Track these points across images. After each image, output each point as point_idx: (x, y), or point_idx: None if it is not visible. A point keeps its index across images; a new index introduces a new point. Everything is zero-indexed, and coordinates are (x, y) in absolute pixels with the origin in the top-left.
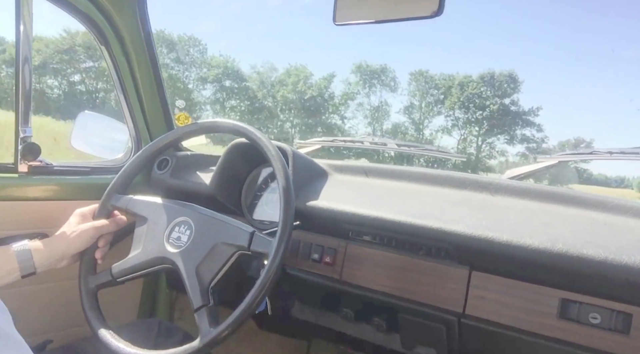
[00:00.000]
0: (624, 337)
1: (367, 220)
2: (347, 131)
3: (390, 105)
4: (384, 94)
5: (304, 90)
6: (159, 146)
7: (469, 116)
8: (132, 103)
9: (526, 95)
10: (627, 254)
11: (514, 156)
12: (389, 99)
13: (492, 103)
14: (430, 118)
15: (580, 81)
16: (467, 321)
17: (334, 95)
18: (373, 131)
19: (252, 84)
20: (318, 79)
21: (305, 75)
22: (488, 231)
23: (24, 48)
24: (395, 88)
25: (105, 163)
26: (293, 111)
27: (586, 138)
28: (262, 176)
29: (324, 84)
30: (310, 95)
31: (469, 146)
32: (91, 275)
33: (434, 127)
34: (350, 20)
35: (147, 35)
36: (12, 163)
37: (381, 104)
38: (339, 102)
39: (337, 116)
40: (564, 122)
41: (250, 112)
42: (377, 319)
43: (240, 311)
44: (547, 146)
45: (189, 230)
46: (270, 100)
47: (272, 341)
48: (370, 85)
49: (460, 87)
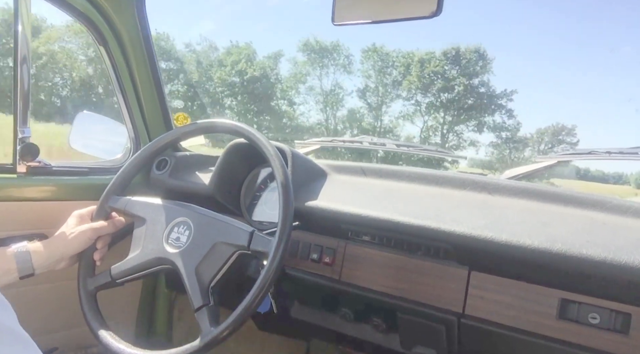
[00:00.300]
0: (623, 337)
1: (366, 220)
2: (297, 118)
3: (346, 89)
4: (339, 75)
5: (244, 69)
6: (157, 147)
7: (432, 100)
8: (131, 103)
9: (499, 77)
10: (627, 253)
11: (487, 147)
12: (344, 81)
13: (457, 84)
14: (389, 103)
15: (564, 66)
16: (467, 321)
17: (283, 78)
18: (326, 119)
19: (189, 66)
20: (262, 58)
21: (247, 53)
22: (487, 231)
23: (22, 48)
24: (351, 69)
25: (103, 163)
26: (239, 97)
27: (567, 125)
28: (261, 176)
29: (269, 64)
30: (252, 75)
31: (434, 135)
32: (90, 276)
33: (394, 114)
34: (349, 21)
35: (146, 36)
36: (11, 164)
37: (334, 88)
38: (287, 86)
39: (286, 101)
40: (544, 109)
41: (190, 98)
42: (376, 319)
43: (241, 310)
44: (523, 134)
45: (188, 230)
46: (211, 84)
47: (271, 342)
48: (322, 66)
49: (421, 65)
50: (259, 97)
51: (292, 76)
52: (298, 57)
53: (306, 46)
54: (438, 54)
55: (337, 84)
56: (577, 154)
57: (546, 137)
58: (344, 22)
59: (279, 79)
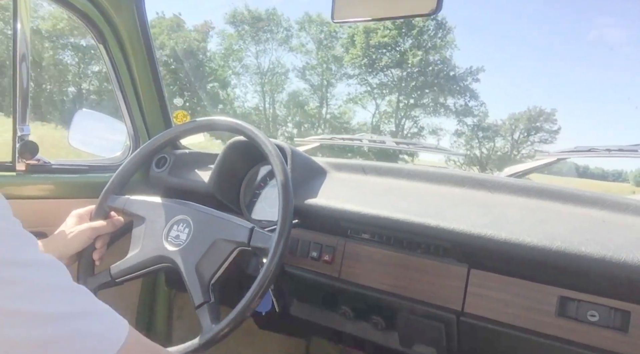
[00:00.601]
0: (622, 334)
1: (366, 218)
2: (232, 102)
3: (287, 67)
4: (279, 52)
5: (164, 43)
6: (156, 144)
7: (383, 79)
8: (130, 101)
9: (465, 52)
10: (626, 251)
11: (452, 136)
12: (286, 58)
13: (411, 59)
14: (335, 83)
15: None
16: (466, 319)
17: (213, 54)
18: (264, 102)
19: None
20: (189, 31)
21: (169, 25)
22: (486, 229)
23: (22, 46)
24: (292, 44)
25: (103, 161)
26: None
27: (546, 109)
28: (260, 174)
29: (196, 37)
30: (173, 49)
31: (388, 122)
32: (90, 276)
33: (342, 97)
34: (349, 18)
35: (145, 33)
36: (10, 161)
37: (273, 66)
38: (219, 65)
39: (219, 83)
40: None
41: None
42: (375, 318)
43: (241, 307)
44: (492, 120)
45: (187, 228)
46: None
47: (271, 340)
48: (257, 41)
49: (366, 36)
50: (185, 77)
51: (224, 51)
52: (227, 29)
53: (234, 17)
54: (387, 22)
55: (278, 62)
56: (577, 152)
57: (521, 123)
58: (343, 20)
59: (211, 58)
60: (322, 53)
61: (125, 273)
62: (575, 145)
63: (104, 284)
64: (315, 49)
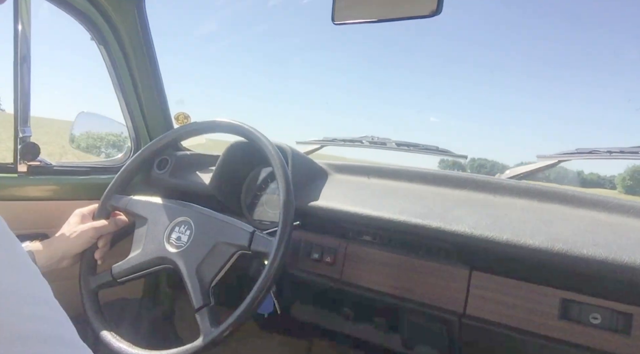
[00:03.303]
0: (624, 337)
1: (367, 220)
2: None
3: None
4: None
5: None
6: (158, 146)
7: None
8: (131, 103)
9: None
10: (629, 254)
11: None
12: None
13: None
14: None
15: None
16: (468, 321)
17: None
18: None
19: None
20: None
21: None
22: (488, 231)
23: (22, 47)
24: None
25: (104, 163)
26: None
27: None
28: (261, 176)
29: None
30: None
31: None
32: (91, 275)
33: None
34: (349, 20)
35: (146, 35)
36: (12, 163)
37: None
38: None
39: None
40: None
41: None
42: (377, 319)
43: (242, 310)
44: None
45: (189, 230)
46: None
47: (273, 342)
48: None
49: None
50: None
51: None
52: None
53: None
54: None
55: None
56: (578, 154)
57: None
58: (344, 22)
59: None
60: None
61: (127, 273)
62: (576, 147)
63: (106, 284)
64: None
